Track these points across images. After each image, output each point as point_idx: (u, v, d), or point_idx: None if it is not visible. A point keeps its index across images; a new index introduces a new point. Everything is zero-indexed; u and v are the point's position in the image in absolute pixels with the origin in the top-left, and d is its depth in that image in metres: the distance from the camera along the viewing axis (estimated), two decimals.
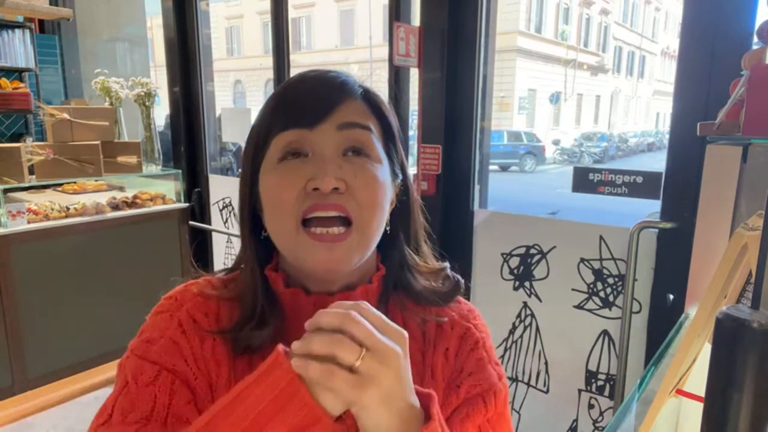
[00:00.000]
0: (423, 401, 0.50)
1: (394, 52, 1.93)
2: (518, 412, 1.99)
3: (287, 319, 0.63)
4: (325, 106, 0.58)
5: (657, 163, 15.39)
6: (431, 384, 0.65)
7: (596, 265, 1.76)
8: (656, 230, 1.61)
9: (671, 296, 1.60)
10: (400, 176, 0.66)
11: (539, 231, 1.87)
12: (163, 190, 3.10)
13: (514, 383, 1.99)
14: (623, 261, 1.69)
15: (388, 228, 0.65)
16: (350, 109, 0.60)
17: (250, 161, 0.62)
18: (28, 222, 2.51)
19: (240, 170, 0.65)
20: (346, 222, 0.58)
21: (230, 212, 2.96)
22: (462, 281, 0.71)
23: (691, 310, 1.29)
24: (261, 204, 0.62)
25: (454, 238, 2.04)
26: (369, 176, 0.59)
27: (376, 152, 0.61)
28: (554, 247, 1.84)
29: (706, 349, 0.85)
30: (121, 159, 2.86)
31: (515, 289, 1.94)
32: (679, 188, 1.54)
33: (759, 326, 0.36)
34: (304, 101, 0.59)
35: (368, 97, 0.63)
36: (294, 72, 2.83)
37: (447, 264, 0.72)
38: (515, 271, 1.94)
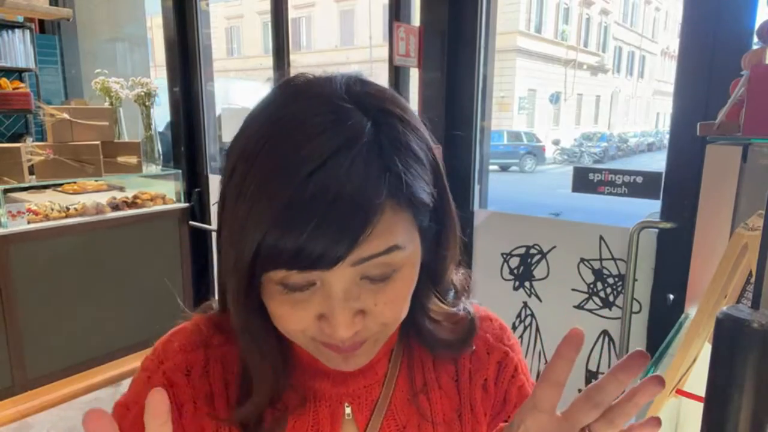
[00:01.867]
0: None
1: (394, 52, 1.93)
2: None
3: (300, 366, 0.58)
4: (339, 251, 0.42)
5: (657, 163, 15.39)
6: (470, 419, 0.61)
7: (596, 265, 1.76)
8: (656, 230, 1.61)
9: (671, 296, 1.60)
10: (434, 225, 0.52)
11: (539, 231, 1.87)
12: (163, 190, 3.10)
13: None
14: (623, 261, 1.69)
15: None
16: (372, 240, 0.43)
17: (246, 265, 0.45)
18: (28, 222, 2.51)
19: (218, 241, 0.51)
20: None
21: None
22: (476, 322, 0.62)
23: (691, 310, 1.29)
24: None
25: None
26: (393, 298, 0.48)
27: (403, 256, 0.47)
28: (554, 247, 1.84)
29: (706, 349, 0.85)
30: (121, 159, 2.86)
31: (515, 289, 1.94)
32: (679, 188, 1.54)
33: (759, 326, 0.36)
34: (310, 240, 0.41)
35: (395, 191, 0.45)
36: (294, 72, 2.82)
37: (460, 310, 0.61)
38: (515, 271, 1.94)
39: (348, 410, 0.58)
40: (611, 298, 1.75)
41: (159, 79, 3.21)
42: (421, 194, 0.47)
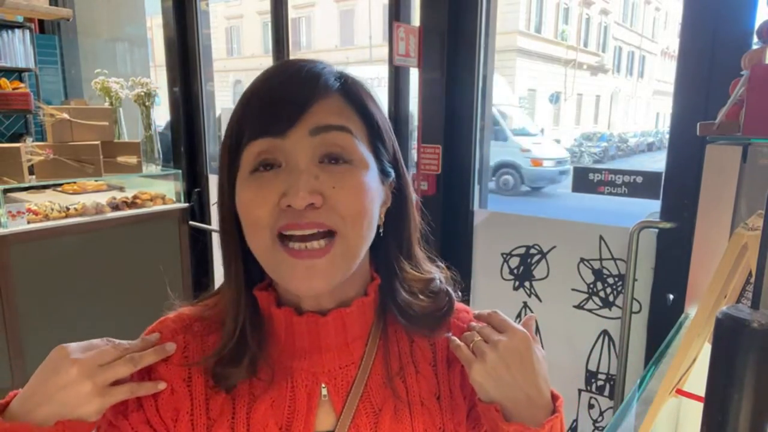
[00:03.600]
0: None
1: (394, 52, 1.93)
2: None
3: (278, 341, 0.60)
4: (296, 110, 0.52)
5: (657, 163, 15.37)
6: (449, 401, 0.63)
7: (596, 265, 1.76)
8: (656, 230, 1.61)
9: (671, 296, 1.60)
10: (392, 175, 0.61)
11: (539, 231, 1.87)
12: (163, 190, 3.10)
13: None
14: (623, 261, 1.69)
15: (381, 231, 0.61)
16: (324, 109, 0.54)
17: (226, 171, 0.56)
18: (28, 222, 2.51)
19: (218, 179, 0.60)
20: (328, 234, 0.53)
21: None
22: (452, 295, 0.66)
23: (691, 310, 1.29)
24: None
25: (454, 238, 2.03)
26: (350, 185, 0.53)
27: (359, 155, 0.55)
28: (554, 247, 1.84)
29: (706, 349, 0.85)
30: (121, 159, 2.86)
31: (515, 289, 1.94)
32: (679, 188, 1.54)
33: (759, 326, 0.36)
34: (272, 105, 0.53)
35: (347, 91, 0.56)
36: None
37: (436, 275, 0.66)
38: (515, 271, 1.94)
39: (324, 391, 0.60)
40: (611, 298, 1.74)
41: (159, 91, 3.19)
42: (372, 110, 0.58)
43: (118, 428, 0.59)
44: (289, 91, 0.53)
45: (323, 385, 0.60)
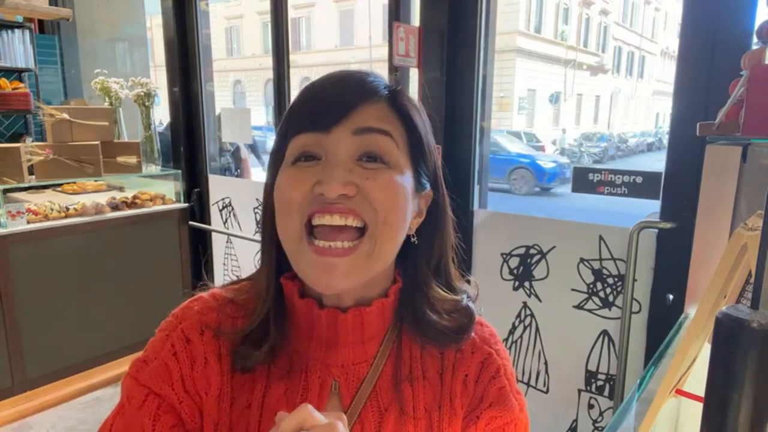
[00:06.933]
0: None
1: (394, 52, 1.93)
2: None
3: (299, 329, 0.62)
4: (342, 109, 0.55)
5: (656, 163, 15.38)
6: (449, 411, 0.63)
7: (596, 265, 1.76)
8: (656, 230, 1.61)
9: (671, 296, 1.60)
10: (428, 187, 0.62)
11: (539, 231, 1.87)
12: (162, 191, 3.10)
13: None
14: (623, 261, 1.69)
15: (414, 239, 0.62)
16: (369, 112, 0.56)
17: (272, 163, 0.60)
18: (28, 222, 2.51)
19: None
20: (358, 231, 0.54)
21: (230, 212, 2.96)
22: (473, 316, 0.66)
23: (691, 310, 1.29)
24: None
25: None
26: (384, 180, 0.54)
27: (395, 159, 0.56)
28: (554, 247, 1.84)
29: (706, 349, 0.85)
30: (120, 159, 2.86)
31: (515, 289, 1.94)
32: (679, 188, 1.54)
33: (759, 326, 0.36)
34: (321, 103, 0.56)
35: (394, 100, 0.58)
36: (294, 72, 2.83)
37: (464, 297, 0.67)
38: (515, 271, 1.94)
39: (335, 384, 0.62)
40: (611, 298, 1.74)
41: (159, 92, 3.19)
42: (417, 122, 0.59)
43: (160, 396, 0.59)
44: (338, 93, 0.56)
45: (334, 379, 0.62)
